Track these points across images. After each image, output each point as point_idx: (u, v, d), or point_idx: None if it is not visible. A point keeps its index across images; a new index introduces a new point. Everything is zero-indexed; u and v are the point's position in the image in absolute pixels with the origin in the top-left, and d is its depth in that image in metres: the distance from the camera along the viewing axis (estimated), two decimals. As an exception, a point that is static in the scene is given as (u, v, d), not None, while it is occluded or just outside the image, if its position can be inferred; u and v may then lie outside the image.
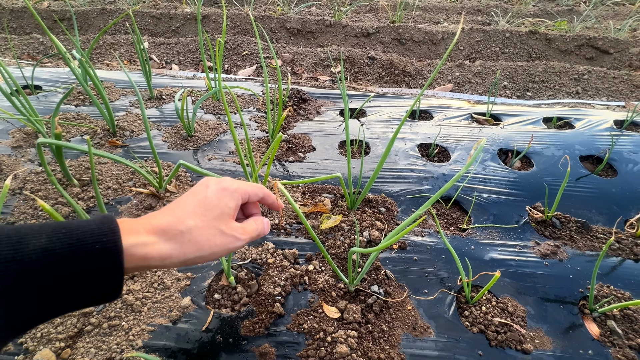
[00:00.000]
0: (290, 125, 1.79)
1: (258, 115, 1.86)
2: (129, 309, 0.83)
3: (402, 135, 1.73)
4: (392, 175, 1.41)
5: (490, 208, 1.26)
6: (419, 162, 1.50)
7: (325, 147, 1.60)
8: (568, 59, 2.85)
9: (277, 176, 1.37)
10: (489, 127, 1.84)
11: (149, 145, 1.07)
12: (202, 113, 1.79)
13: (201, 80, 2.20)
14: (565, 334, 0.86)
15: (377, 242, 1.08)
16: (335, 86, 2.31)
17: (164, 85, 2.05)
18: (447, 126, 1.82)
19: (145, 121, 1.10)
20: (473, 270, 0.99)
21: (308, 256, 1.02)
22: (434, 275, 0.99)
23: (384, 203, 1.25)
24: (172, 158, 1.41)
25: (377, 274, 0.98)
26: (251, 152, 1.12)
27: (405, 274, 0.99)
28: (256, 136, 1.64)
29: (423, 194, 1.32)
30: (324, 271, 0.99)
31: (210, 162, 1.41)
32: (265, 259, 1.00)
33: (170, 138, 1.54)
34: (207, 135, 1.58)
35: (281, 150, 1.53)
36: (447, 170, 1.45)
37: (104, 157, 0.99)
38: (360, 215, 1.17)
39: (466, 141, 1.68)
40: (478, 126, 1.84)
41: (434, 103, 2.12)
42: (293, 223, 1.15)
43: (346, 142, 1.12)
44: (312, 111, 2.01)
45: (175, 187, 1.23)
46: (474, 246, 1.09)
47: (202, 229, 0.50)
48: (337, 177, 1.01)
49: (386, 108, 2.07)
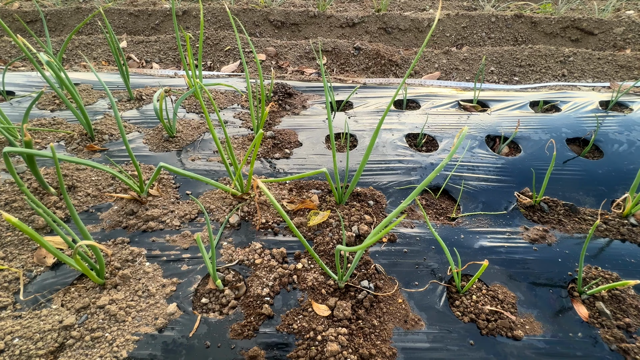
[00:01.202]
0: (275, 121, 1.76)
1: (242, 112, 1.83)
2: (113, 319, 0.81)
3: (390, 126, 1.71)
4: (380, 167, 1.40)
5: (479, 195, 1.25)
6: (407, 152, 1.49)
7: (312, 141, 1.59)
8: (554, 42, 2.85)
9: (264, 174, 1.35)
10: (476, 113, 1.83)
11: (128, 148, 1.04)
12: (184, 112, 1.75)
13: (182, 79, 2.15)
14: (555, 318, 0.87)
15: (366, 236, 1.06)
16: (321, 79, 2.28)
17: (144, 85, 1.99)
18: (434, 115, 1.81)
19: (119, 125, 1.06)
20: (463, 259, 0.98)
21: (297, 254, 1.01)
22: (425, 266, 0.99)
23: (373, 196, 1.24)
24: (154, 160, 1.38)
25: (367, 268, 0.97)
26: (232, 151, 1.10)
27: (396, 267, 0.98)
28: (241, 134, 1.61)
29: (412, 184, 1.31)
30: (313, 269, 0.97)
31: (194, 163, 1.38)
32: (252, 260, 0.98)
33: (152, 140, 1.51)
34: (189, 135, 1.55)
35: (267, 147, 1.51)
36: (435, 160, 1.44)
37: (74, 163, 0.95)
38: (349, 210, 1.16)
39: (454, 129, 1.66)
40: (465, 113, 1.83)
41: (421, 92, 2.10)
42: (280, 221, 1.13)
43: (330, 135, 1.10)
44: (298, 105, 1.99)
45: (157, 190, 1.20)
46: (463, 235, 1.09)
47: None
48: (323, 172, 0.99)
49: (373, 99, 2.05)
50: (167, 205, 1.16)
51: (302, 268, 0.97)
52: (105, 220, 1.09)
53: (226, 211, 1.15)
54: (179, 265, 0.97)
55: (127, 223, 1.08)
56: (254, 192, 1.23)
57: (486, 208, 1.20)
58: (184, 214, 1.13)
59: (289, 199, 1.21)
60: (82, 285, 0.89)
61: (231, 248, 1.02)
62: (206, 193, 1.24)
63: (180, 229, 1.08)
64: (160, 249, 1.01)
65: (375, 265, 0.98)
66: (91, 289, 0.88)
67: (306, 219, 1.12)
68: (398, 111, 1.89)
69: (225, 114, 1.80)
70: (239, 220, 1.12)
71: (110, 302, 0.85)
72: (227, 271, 0.96)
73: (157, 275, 0.93)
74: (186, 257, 0.99)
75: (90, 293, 0.87)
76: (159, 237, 1.05)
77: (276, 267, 0.96)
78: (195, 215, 1.13)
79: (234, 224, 1.10)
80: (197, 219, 1.12)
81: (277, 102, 1.94)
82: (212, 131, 1.00)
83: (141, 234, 1.06)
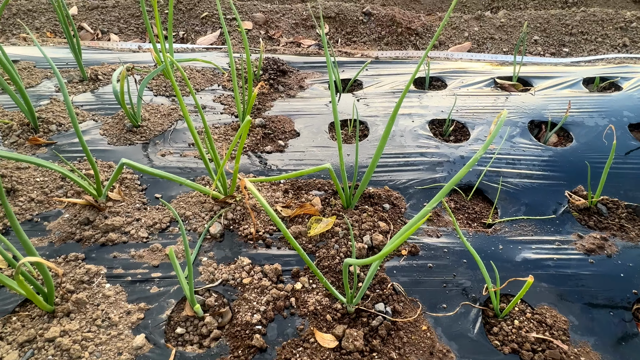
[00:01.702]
0: (266, 106, 1.77)
1: (224, 94, 1.84)
2: (65, 355, 0.81)
3: (409, 110, 1.72)
4: (398, 162, 1.41)
5: (521, 196, 1.26)
6: (430, 143, 1.50)
7: (312, 131, 1.59)
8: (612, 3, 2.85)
9: (252, 172, 1.35)
10: (516, 94, 1.83)
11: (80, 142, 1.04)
12: (152, 95, 1.76)
13: (148, 54, 2.15)
14: (616, 347, 0.87)
15: (381, 249, 1.07)
16: (322, 52, 2.28)
17: (101, 62, 2.00)
18: (464, 96, 1.82)
19: (70, 112, 1.06)
20: (502, 275, 0.99)
21: (294, 271, 1.01)
22: (454, 285, 0.99)
23: (389, 198, 1.25)
24: (114, 156, 1.38)
25: (383, 288, 0.97)
26: (213, 143, 1.10)
27: (419, 285, 0.99)
28: (223, 122, 1.62)
29: (437, 183, 1.31)
30: (315, 289, 0.98)
31: (164, 159, 1.39)
32: (239, 279, 0.98)
33: (111, 130, 1.51)
34: (158, 124, 1.55)
35: (255, 138, 1.51)
36: (466, 152, 1.44)
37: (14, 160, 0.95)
38: (359, 216, 1.16)
39: (489, 114, 1.67)
40: (503, 94, 1.83)
41: (447, 67, 2.11)
42: (274, 231, 1.13)
43: (335, 123, 1.10)
44: (294, 86, 2.00)
45: (119, 193, 1.20)
46: (502, 245, 1.09)
47: None
48: (327, 168, 1.00)
49: (388, 77, 2.05)
50: (132, 212, 1.16)
51: (301, 289, 0.98)
52: (54, 232, 1.09)
53: (205, 219, 1.15)
54: (147, 286, 0.97)
55: (82, 235, 1.08)
56: (240, 194, 1.24)
57: (530, 211, 1.20)
58: (153, 223, 1.13)
59: (285, 203, 1.22)
60: (26, 313, 0.89)
61: (212, 265, 1.02)
62: (180, 196, 1.24)
63: (149, 241, 1.09)
64: (123, 266, 1.01)
65: (393, 284, 0.98)
66: (38, 318, 0.88)
67: (306, 228, 1.12)
68: (419, 92, 1.90)
69: (203, 97, 1.80)
70: (222, 230, 1.12)
71: (62, 333, 0.85)
72: (208, 294, 0.96)
73: (121, 299, 0.93)
74: (156, 276, 0.99)
75: (36, 323, 0.87)
76: (121, 252, 1.05)
77: (269, 288, 0.96)
78: (166, 224, 1.13)
79: (215, 234, 1.10)
80: (169, 229, 1.13)
81: (268, 82, 1.95)
82: (188, 119, 1.00)
83: (99, 248, 1.06)
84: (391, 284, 0.98)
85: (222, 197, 1.19)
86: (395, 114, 0.97)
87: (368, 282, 0.87)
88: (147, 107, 1.64)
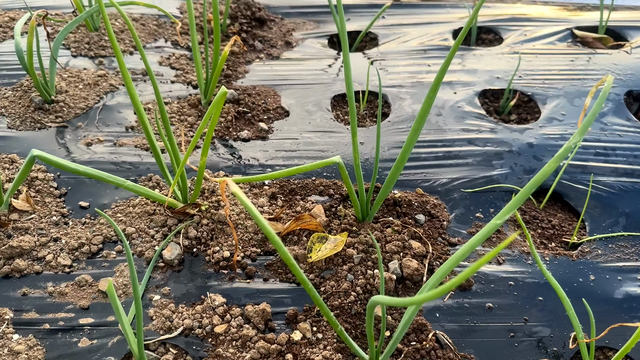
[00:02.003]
0: (238, 71, 1.78)
1: (176, 54, 1.84)
2: None
3: (449, 77, 1.72)
4: (435, 152, 1.40)
5: (620, 202, 1.27)
6: (482, 124, 1.50)
7: (307, 107, 1.59)
8: None
9: (221, 168, 1.36)
10: (604, 52, 1.84)
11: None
12: (70, 57, 1.76)
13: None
14: None
15: (413, 279, 1.08)
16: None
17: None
18: (529, 54, 1.81)
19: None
20: (597, 318, 0.96)
21: (290, 314, 1.01)
22: (526, 334, 0.99)
23: (423, 206, 1.25)
24: (18, 146, 1.38)
25: (421, 339, 0.97)
26: (169, 126, 1.09)
27: (473, 335, 0.99)
28: (176, 94, 1.63)
29: (495, 184, 1.31)
30: (321, 341, 0.97)
31: (90, 150, 1.39)
32: (209, 327, 0.98)
33: (12, 108, 1.50)
34: (80, 99, 1.55)
35: (225, 120, 1.52)
36: (537, 137, 1.44)
37: None
38: (381, 232, 1.17)
39: (567, 80, 1.66)
40: (585, 52, 1.84)
41: (502, 13, 2.12)
42: (258, 254, 1.14)
43: (348, 95, 1.10)
44: (277, 41, 1.99)
45: (27, 200, 1.19)
46: (593, 274, 1.10)
47: None
48: (336, 163, 0.99)
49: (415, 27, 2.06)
50: (47, 229, 1.16)
51: (301, 340, 0.97)
52: None
53: (156, 238, 1.15)
54: (74, 338, 0.96)
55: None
56: (207, 201, 1.24)
57: (633, 224, 1.21)
58: (79, 245, 1.13)
59: (272, 214, 1.22)
60: None
61: (169, 306, 1.02)
62: (117, 205, 1.24)
63: (73, 271, 1.08)
64: (38, 309, 1.01)
65: (436, 333, 0.98)
66: None
67: (305, 250, 1.12)
68: (463, 49, 1.91)
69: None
70: (181, 255, 1.12)
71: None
72: (164, 349, 0.95)
73: (35, 357, 0.92)
74: (87, 323, 0.99)
75: None
76: (34, 288, 1.04)
77: (254, 340, 0.96)
78: (98, 246, 1.13)
79: (171, 260, 1.10)
80: (101, 254, 1.12)
81: (240, 36, 1.94)
82: (131, 88, 0.99)
83: (1, 281, 1.05)
84: (433, 333, 0.98)
85: (180, 205, 1.19)
86: (439, 82, 0.97)
87: (402, 332, 0.86)
88: (63, 74, 1.64)
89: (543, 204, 1.29)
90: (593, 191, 1.29)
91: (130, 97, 1.03)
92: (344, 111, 1.63)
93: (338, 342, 0.97)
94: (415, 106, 1.59)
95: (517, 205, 0.66)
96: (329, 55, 1.90)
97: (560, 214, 1.28)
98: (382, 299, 0.69)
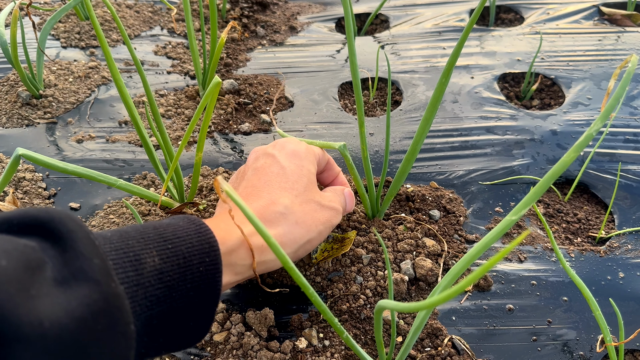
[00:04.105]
0: (239, 60, 1.77)
1: (172, 43, 1.83)
2: None
3: (466, 60, 1.71)
4: (450, 142, 1.41)
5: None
6: (502, 111, 1.49)
7: (312, 97, 1.60)
8: None
9: (221, 164, 1.36)
10: (634, 29, 1.83)
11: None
12: (59, 48, 1.76)
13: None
14: None
15: (428, 280, 1.07)
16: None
17: (-22, -2, 2.00)
18: (552, 34, 1.81)
19: None
20: (627, 319, 0.96)
21: (295, 320, 1.00)
22: (550, 337, 0.98)
23: (438, 201, 1.24)
24: (5, 144, 1.38)
25: (436, 344, 0.96)
26: (160, 120, 1.08)
27: (492, 339, 0.98)
28: (172, 86, 1.63)
29: (515, 175, 1.30)
30: (329, 349, 0.96)
31: (81, 147, 1.39)
32: (207, 335, 0.97)
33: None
34: (70, 93, 1.55)
35: (225, 111, 1.52)
36: (561, 124, 1.43)
37: None
38: (392, 229, 1.16)
39: (593, 62, 1.66)
40: (613, 30, 1.83)
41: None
42: (259, 256, 1.12)
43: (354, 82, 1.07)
44: (281, 26, 1.98)
45: (14, 202, 1.18)
46: (623, 272, 1.08)
47: (302, 206, 0.80)
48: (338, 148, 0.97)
49: (428, 7, 2.05)
50: (34, 233, 1.15)
51: (307, 348, 0.96)
52: None
53: (151, 240, 1.14)
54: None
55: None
56: (205, 200, 1.22)
57: (666, 216, 1.19)
58: (69, 249, 1.11)
59: (274, 212, 1.20)
60: None
61: (165, 313, 1.00)
62: (110, 206, 1.23)
63: (63, 278, 1.07)
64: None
65: (452, 337, 0.97)
66: None
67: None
68: (481, 30, 1.89)
69: (139, 47, 1.80)
70: (178, 258, 1.10)
71: None
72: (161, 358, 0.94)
73: None
74: (76, 333, 0.97)
75: None
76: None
77: (256, 349, 0.94)
78: (90, 251, 1.12)
79: (167, 264, 1.08)
80: (94, 258, 1.11)
81: (240, 22, 1.92)
82: (119, 81, 0.97)
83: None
84: (449, 338, 0.96)
85: (176, 205, 1.18)
86: (452, 66, 0.94)
87: (414, 337, 0.84)
88: (52, 66, 1.64)
89: (568, 196, 1.26)
90: (622, 181, 1.27)
91: (118, 90, 1.01)
92: (353, 100, 1.62)
93: (346, 349, 0.96)
94: (430, 93, 1.57)
95: (534, 199, 0.63)
96: (336, 40, 1.88)
97: (587, 207, 1.25)
98: (389, 304, 0.66)
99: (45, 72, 1.59)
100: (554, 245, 0.85)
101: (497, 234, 0.65)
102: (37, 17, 1.89)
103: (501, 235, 0.69)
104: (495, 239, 0.65)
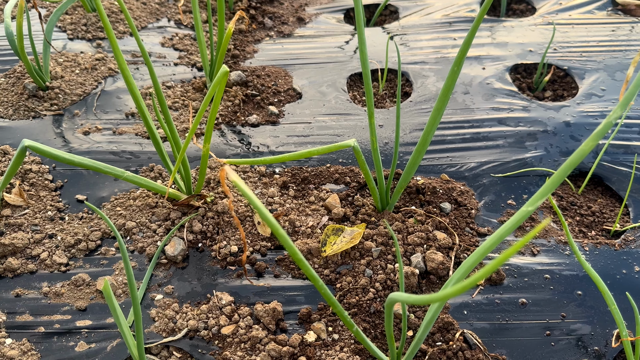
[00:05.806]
0: (246, 51, 1.77)
1: (179, 34, 1.84)
2: None
3: (477, 51, 1.71)
4: (462, 134, 1.40)
5: (667, 185, 1.24)
6: (514, 102, 1.48)
7: (321, 88, 1.60)
8: None
9: (229, 156, 1.36)
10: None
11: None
12: (66, 39, 1.77)
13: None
14: None
15: (438, 274, 1.07)
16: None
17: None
18: (565, 25, 1.80)
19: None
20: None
21: (304, 313, 1.00)
22: (564, 332, 0.97)
23: (449, 193, 1.25)
24: (10, 135, 1.39)
25: (448, 338, 0.96)
26: (167, 112, 1.08)
27: (505, 334, 0.98)
28: (179, 77, 1.63)
29: (528, 167, 1.30)
30: (338, 342, 0.96)
31: (88, 139, 1.40)
32: (216, 328, 0.98)
33: (4, 95, 1.52)
34: (77, 85, 1.56)
35: (232, 103, 1.52)
36: (574, 115, 1.43)
37: None
38: (403, 222, 1.16)
39: (607, 52, 1.65)
40: (628, 20, 1.81)
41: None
42: (268, 248, 1.13)
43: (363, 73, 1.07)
44: (289, 18, 1.98)
45: (20, 194, 1.20)
46: (638, 265, 1.08)
47: None
48: (350, 146, 0.97)
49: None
50: (42, 225, 1.16)
51: (316, 341, 0.96)
52: None
53: (158, 233, 1.15)
54: (70, 342, 0.97)
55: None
56: (212, 192, 1.23)
57: (683, 210, 1.18)
58: (76, 241, 1.13)
59: (282, 203, 1.21)
60: None
61: (173, 305, 1.02)
62: (117, 198, 1.24)
63: (70, 269, 1.09)
64: (32, 311, 1.02)
65: (464, 332, 0.97)
66: None
67: (318, 243, 1.11)
68: (492, 20, 1.87)
69: (146, 39, 1.81)
70: (185, 250, 1.12)
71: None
72: (167, 352, 0.95)
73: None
74: (84, 325, 0.99)
75: None
76: (28, 288, 1.05)
77: (265, 342, 0.95)
78: (96, 243, 1.14)
79: (174, 256, 1.10)
80: (100, 250, 1.13)
81: (248, 13, 1.93)
82: (126, 73, 0.97)
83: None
84: (461, 332, 0.96)
85: (184, 197, 1.18)
86: (462, 57, 0.94)
87: (426, 331, 0.84)
88: (58, 58, 1.64)
89: (582, 189, 1.26)
90: (637, 173, 1.26)
91: (126, 82, 1.02)
92: (362, 92, 1.61)
93: (356, 343, 0.96)
94: (440, 84, 1.57)
95: (550, 190, 0.63)
96: (345, 31, 1.88)
97: (601, 199, 1.25)
98: (401, 296, 0.66)
99: (51, 64, 1.60)
100: (569, 238, 0.84)
101: (512, 226, 0.65)
102: (43, 9, 1.91)
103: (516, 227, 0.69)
104: (510, 230, 0.65)
